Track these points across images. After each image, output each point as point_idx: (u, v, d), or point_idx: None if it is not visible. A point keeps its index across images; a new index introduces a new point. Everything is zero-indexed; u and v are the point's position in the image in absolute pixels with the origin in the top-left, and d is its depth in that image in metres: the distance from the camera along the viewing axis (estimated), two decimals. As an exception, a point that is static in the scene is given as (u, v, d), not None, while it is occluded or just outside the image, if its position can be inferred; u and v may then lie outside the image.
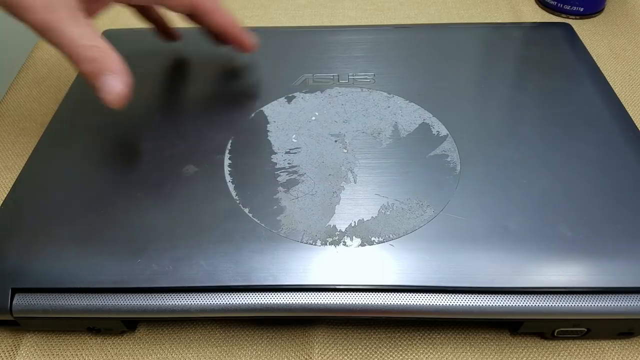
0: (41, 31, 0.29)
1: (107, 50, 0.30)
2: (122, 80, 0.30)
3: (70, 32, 0.29)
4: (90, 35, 0.29)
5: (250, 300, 0.28)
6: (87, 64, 0.29)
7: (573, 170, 0.32)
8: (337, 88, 0.38)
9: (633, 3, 0.53)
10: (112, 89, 0.29)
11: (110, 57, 0.30)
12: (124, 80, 0.30)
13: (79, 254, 0.29)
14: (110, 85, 0.29)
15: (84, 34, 0.29)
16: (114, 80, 0.29)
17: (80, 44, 0.29)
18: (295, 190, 0.32)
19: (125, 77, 0.30)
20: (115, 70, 0.30)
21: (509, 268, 0.28)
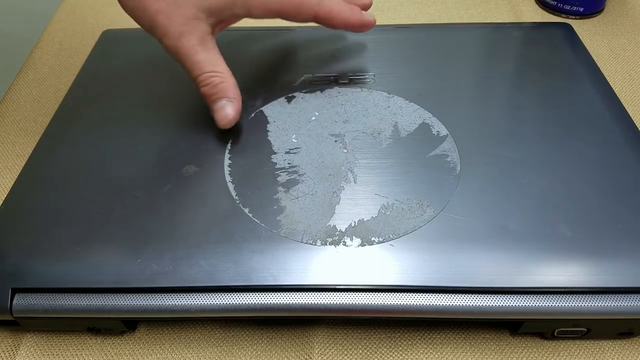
0: (173, 54, 0.33)
1: (227, 77, 0.34)
2: (235, 107, 0.34)
3: (198, 58, 0.33)
4: (215, 61, 0.33)
5: (250, 300, 0.28)
6: (208, 87, 0.33)
7: (573, 170, 0.32)
8: (337, 88, 0.38)
9: (633, 3, 0.53)
10: (226, 114, 0.33)
11: (228, 84, 0.34)
12: (237, 107, 0.34)
13: (79, 254, 0.29)
14: (225, 111, 0.33)
15: (209, 60, 0.33)
16: (229, 107, 0.33)
17: (205, 70, 0.33)
18: (295, 190, 0.32)
19: (238, 103, 0.34)
20: (231, 97, 0.33)
21: (509, 268, 0.28)
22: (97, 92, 0.39)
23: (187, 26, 0.32)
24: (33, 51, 0.50)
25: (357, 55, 0.41)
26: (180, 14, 0.32)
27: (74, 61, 0.48)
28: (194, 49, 0.32)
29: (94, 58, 0.43)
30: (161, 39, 0.33)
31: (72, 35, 0.51)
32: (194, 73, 0.33)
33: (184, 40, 0.32)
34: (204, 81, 0.33)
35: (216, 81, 0.33)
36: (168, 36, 0.32)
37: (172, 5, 0.32)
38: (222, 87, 0.33)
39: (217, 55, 0.34)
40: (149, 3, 0.32)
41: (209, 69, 0.33)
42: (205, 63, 0.33)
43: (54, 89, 0.46)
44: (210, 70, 0.33)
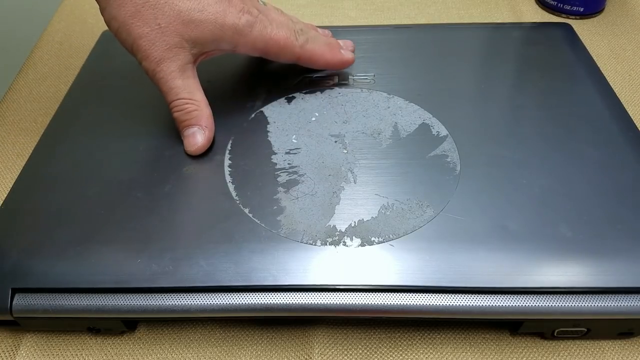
0: (151, 78, 0.33)
1: (202, 106, 0.34)
2: (206, 136, 0.34)
3: (175, 84, 0.33)
4: (192, 89, 0.34)
5: (250, 300, 0.28)
6: (181, 113, 0.34)
7: (573, 170, 0.32)
8: (337, 88, 0.38)
9: (633, 3, 0.53)
10: (195, 141, 0.33)
11: (202, 113, 0.34)
12: (207, 136, 0.34)
13: (78, 254, 0.29)
14: (195, 137, 0.33)
15: (186, 88, 0.33)
16: (199, 135, 0.33)
17: (180, 96, 0.33)
18: (295, 191, 0.32)
19: (210, 133, 0.34)
20: (203, 126, 0.34)
21: (509, 268, 0.28)
22: (97, 92, 0.39)
23: (169, 53, 0.32)
24: (33, 51, 0.50)
25: (357, 56, 0.41)
26: (163, 40, 0.32)
27: (74, 61, 0.48)
28: (172, 75, 0.33)
29: (94, 58, 0.43)
30: (141, 62, 0.33)
31: (72, 35, 0.51)
32: (168, 98, 0.33)
33: (163, 66, 0.32)
34: (177, 107, 0.33)
35: (190, 108, 0.33)
36: (148, 60, 0.32)
37: (156, 32, 0.32)
38: (195, 115, 0.34)
39: (195, 84, 0.34)
40: (132, 27, 0.32)
41: (184, 96, 0.33)
42: (180, 89, 0.33)
43: (54, 89, 0.46)
44: (185, 97, 0.33)
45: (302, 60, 0.37)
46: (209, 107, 0.34)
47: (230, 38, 0.33)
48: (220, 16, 0.33)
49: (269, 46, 0.35)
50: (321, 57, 0.37)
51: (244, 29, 0.33)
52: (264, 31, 0.34)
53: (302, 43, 0.36)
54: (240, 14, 0.33)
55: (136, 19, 0.31)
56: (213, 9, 0.32)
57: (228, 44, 0.34)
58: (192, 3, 0.32)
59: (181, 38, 0.32)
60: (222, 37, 0.33)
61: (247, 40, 0.34)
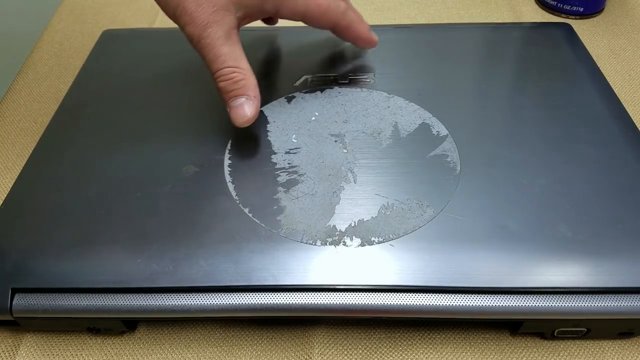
0: (195, 43, 0.31)
1: (249, 75, 0.32)
2: (255, 106, 0.32)
3: (221, 51, 0.31)
4: (238, 57, 0.32)
5: (250, 300, 0.28)
6: (228, 83, 0.32)
7: (573, 170, 0.32)
8: (337, 88, 0.38)
9: (633, 3, 0.53)
10: (244, 113, 0.32)
11: (249, 82, 0.32)
12: (256, 107, 0.32)
13: (78, 254, 0.29)
14: (243, 109, 0.32)
15: (232, 55, 0.32)
16: (248, 105, 0.32)
17: (227, 64, 0.32)
18: (295, 190, 0.32)
19: (258, 103, 0.33)
20: (250, 96, 0.32)
21: (509, 268, 0.28)
22: (97, 92, 0.39)
23: (216, 16, 0.31)
24: (33, 51, 0.50)
25: (357, 56, 0.41)
26: (211, 2, 0.31)
27: (74, 61, 0.48)
28: (219, 41, 0.31)
29: (94, 58, 0.43)
30: (185, 26, 0.31)
31: (72, 35, 0.51)
32: (215, 66, 0.32)
33: (210, 31, 0.31)
34: (224, 76, 0.32)
35: (237, 77, 0.32)
36: (194, 24, 0.31)
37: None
38: (243, 84, 0.32)
39: (241, 51, 0.33)
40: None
41: (230, 64, 0.32)
42: (227, 57, 0.32)
43: (54, 89, 0.46)
44: (232, 65, 0.32)
45: (339, 27, 0.36)
46: (254, 76, 0.33)
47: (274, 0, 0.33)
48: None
49: (311, 9, 0.34)
50: (357, 29, 0.37)
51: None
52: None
53: (343, 11, 0.36)
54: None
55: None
56: None
57: (271, 5, 0.33)
58: None
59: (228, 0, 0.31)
60: None
61: (290, 2, 0.33)
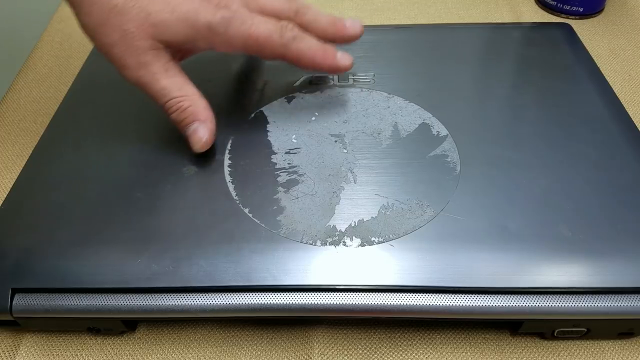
0: (136, 85, 0.32)
1: (196, 99, 0.32)
2: (209, 129, 0.32)
3: (162, 85, 0.31)
4: (181, 85, 0.32)
5: (250, 300, 0.28)
6: (177, 113, 0.32)
7: (573, 170, 0.32)
8: (337, 88, 0.38)
9: (633, 3, 0.53)
10: (199, 137, 0.32)
11: (198, 107, 0.32)
12: (210, 129, 0.32)
13: (79, 254, 0.29)
14: (197, 134, 0.32)
15: (174, 85, 0.32)
16: (202, 129, 0.32)
17: (171, 95, 0.31)
18: (295, 191, 0.32)
19: (211, 124, 0.32)
20: (202, 119, 0.32)
21: (509, 268, 0.28)
22: (97, 92, 0.39)
23: (145, 56, 0.31)
24: (33, 51, 0.50)
25: (357, 55, 0.41)
26: (136, 45, 0.30)
27: (74, 61, 0.48)
28: (156, 77, 0.31)
29: (93, 58, 0.43)
30: (120, 71, 0.31)
31: (72, 35, 0.51)
32: (160, 101, 0.32)
33: (144, 71, 0.31)
34: (171, 107, 0.32)
35: (184, 105, 0.32)
36: (127, 68, 0.31)
37: (127, 38, 0.30)
38: (192, 111, 0.32)
39: (183, 79, 0.32)
40: (102, 36, 0.30)
41: (175, 94, 0.31)
42: (170, 89, 0.31)
43: (54, 89, 0.46)
44: (176, 95, 0.31)
45: (288, 59, 0.34)
46: (203, 98, 0.33)
47: (205, 37, 0.31)
48: (192, 15, 0.31)
49: (248, 44, 0.32)
50: (310, 59, 0.34)
51: (218, 26, 0.31)
52: (242, 27, 0.31)
53: (287, 41, 0.33)
54: (215, 10, 0.31)
55: (105, 27, 0.30)
56: (185, 7, 0.31)
57: (203, 42, 0.32)
58: (160, 4, 0.30)
59: (153, 40, 0.31)
60: (196, 37, 0.31)
61: (224, 38, 0.31)
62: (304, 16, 0.34)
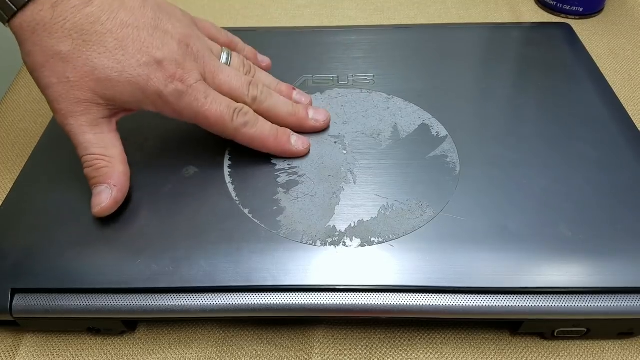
0: (63, 130, 0.30)
1: (115, 163, 0.31)
2: (113, 196, 0.30)
3: (84, 138, 0.30)
4: (107, 144, 0.30)
5: (250, 300, 0.28)
6: (89, 170, 0.30)
7: (573, 170, 0.32)
8: (336, 89, 0.38)
9: (633, 3, 0.53)
10: (99, 201, 0.30)
11: (113, 170, 0.30)
12: (115, 197, 0.30)
13: (78, 254, 0.29)
14: (100, 197, 0.30)
15: (99, 142, 0.30)
16: (106, 193, 0.30)
17: (90, 151, 0.30)
18: (295, 191, 0.32)
19: (118, 193, 0.30)
20: (110, 184, 0.30)
21: (509, 268, 0.28)
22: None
23: (78, 107, 0.29)
24: (33, 51, 0.50)
25: (357, 56, 0.41)
26: (72, 94, 0.29)
27: (74, 61, 0.48)
28: (81, 129, 0.30)
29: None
30: (54, 114, 0.30)
31: (72, 36, 0.51)
32: (79, 152, 0.30)
33: (71, 119, 0.29)
34: (87, 162, 0.30)
35: (99, 165, 0.30)
36: (57, 112, 0.30)
37: (65, 85, 0.29)
38: (104, 172, 0.30)
39: (111, 139, 0.31)
40: (41, 76, 0.29)
41: (93, 152, 0.30)
42: (90, 144, 0.30)
43: (54, 89, 0.46)
44: (95, 152, 0.30)
45: (239, 142, 0.33)
46: (125, 164, 0.31)
47: (153, 103, 0.30)
48: (142, 80, 0.29)
49: (199, 120, 0.31)
50: (261, 144, 0.33)
51: (169, 97, 0.30)
52: (195, 104, 0.30)
53: (238, 126, 0.32)
54: (168, 81, 0.30)
55: (44, 70, 0.29)
56: (135, 72, 0.29)
57: (151, 107, 0.31)
58: (110, 62, 0.29)
59: (94, 94, 0.29)
60: (143, 101, 0.30)
61: (173, 109, 0.30)
62: (261, 104, 0.33)
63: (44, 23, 0.28)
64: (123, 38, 0.29)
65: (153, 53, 0.29)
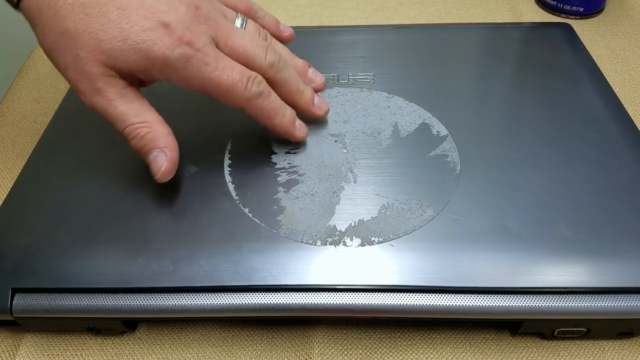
0: (94, 111, 0.30)
1: (156, 125, 0.30)
2: (169, 157, 0.30)
3: (119, 111, 0.29)
4: (140, 111, 0.30)
5: (250, 300, 0.28)
6: (135, 140, 0.30)
7: (573, 170, 0.32)
8: (337, 88, 0.38)
9: (633, 3, 0.53)
10: (158, 166, 0.30)
11: (158, 133, 0.30)
12: (170, 157, 0.30)
13: (79, 254, 0.29)
14: (157, 162, 0.30)
15: (132, 111, 0.30)
16: (161, 157, 0.30)
17: (129, 122, 0.29)
18: (295, 191, 0.32)
19: (171, 153, 0.30)
20: (161, 147, 0.30)
21: (509, 268, 0.28)
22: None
23: (99, 83, 0.29)
24: (33, 51, 0.50)
25: (357, 55, 0.41)
26: (88, 71, 0.28)
27: (74, 61, 0.48)
28: (112, 103, 0.29)
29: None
30: (80, 98, 0.30)
31: (72, 35, 0.51)
32: (118, 128, 0.30)
33: (99, 97, 0.29)
34: (130, 134, 0.30)
35: (143, 132, 0.30)
36: (82, 93, 0.29)
37: (78, 62, 0.28)
38: (150, 138, 0.30)
39: (142, 105, 0.30)
40: (56, 58, 0.29)
41: (133, 121, 0.29)
42: (127, 115, 0.29)
43: (54, 89, 0.46)
44: (134, 121, 0.29)
45: (247, 113, 0.32)
46: (164, 124, 0.30)
47: (160, 70, 0.29)
48: (148, 46, 0.28)
49: (207, 87, 0.30)
50: (269, 119, 0.32)
51: (176, 62, 0.29)
52: (204, 69, 0.29)
53: (251, 95, 0.30)
54: (175, 44, 0.28)
55: (57, 50, 0.29)
56: (139, 37, 0.28)
57: (159, 75, 0.30)
58: (114, 31, 0.28)
59: (106, 67, 0.29)
60: (150, 68, 0.29)
61: (180, 75, 0.29)
62: (278, 73, 0.32)
63: (48, 2, 0.28)
64: (126, 6, 0.28)
65: (159, 17, 0.29)
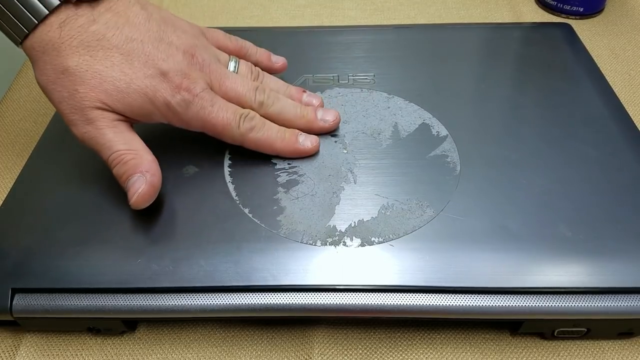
0: (84, 142, 0.30)
1: (141, 153, 0.30)
2: (149, 182, 0.29)
3: (106, 138, 0.30)
4: (128, 140, 0.30)
5: (250, 300, 0.28)
6: (118, 167, 0.30)
7: (573, 170, 0.32)
8: (337, 88, 0.38)
9: (633, 3, 0.53)
10: (135, 189, 0.29)
11: (142, 160, 0.30)
12: (150, 182, 0.30)
13: (79, 254, 0.29)
14: (134, 186, 0.29)
15: (120, 140, 0.30)
16: (140, 181, 0.29)
17: (115, 149, 0.30)
18: (295, 191, 0.32)
19: (153, 177, 0.30)
20: (143, 171, 0.30)
21: (509, 268, 0.28)
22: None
23: (92, 114, 0.29)
24: (33, 51, 0.50)
25: (357, 56, 0.41)
26: (84, 105, 0.29)
27: (74, 61, 0.48)
28: (100, 131, 0.30)
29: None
30: (71, 129, 0.30)
31: (72, 36, 0.51)
32: (104, 155, 0.30)
33: (91, 127, 0.29)
34: (114, 161, 0.30)
35: (127, 158, 0.30)
36: (73, 124, 0.30)
37: (75, 96, 0.29)
38: (133, 164, 0.30)
39: (131, 136, 0.31)
40: (53, 92, 0.29)
41: (119, 148, 0.30)
42: (114, 142, 0.30)
43: (54, 89, 0.46)
44: (121, 149, 0.30)
45: (247, 147, 0.33)
46: (151, 154, 0.31)
47: (162, 114, 0.31)
48: (150, 91, 0.30)
49: (207, 128, 0.32)
50: (269, 147, 0.33)
51: (176, 107, 0.30)
52: (201, 112, 0.31)
53: (245, 131, 0.32)
54: (174, 91, 0.30)
55: (55, 85, 0.29)
56: (142, 83, 0.30)
57: (160, 118, 0.31)
58: (117, 73, 0.29)
59: (103, 103, 0.29)
60: (153, 112, 0.31)
61: (182, 118, 0.31)
62: (268, 109, 0.33)
63: (52, 42, 0.29)
64: (129, 52, 0.30)
65: (159, 65, 0.30)
